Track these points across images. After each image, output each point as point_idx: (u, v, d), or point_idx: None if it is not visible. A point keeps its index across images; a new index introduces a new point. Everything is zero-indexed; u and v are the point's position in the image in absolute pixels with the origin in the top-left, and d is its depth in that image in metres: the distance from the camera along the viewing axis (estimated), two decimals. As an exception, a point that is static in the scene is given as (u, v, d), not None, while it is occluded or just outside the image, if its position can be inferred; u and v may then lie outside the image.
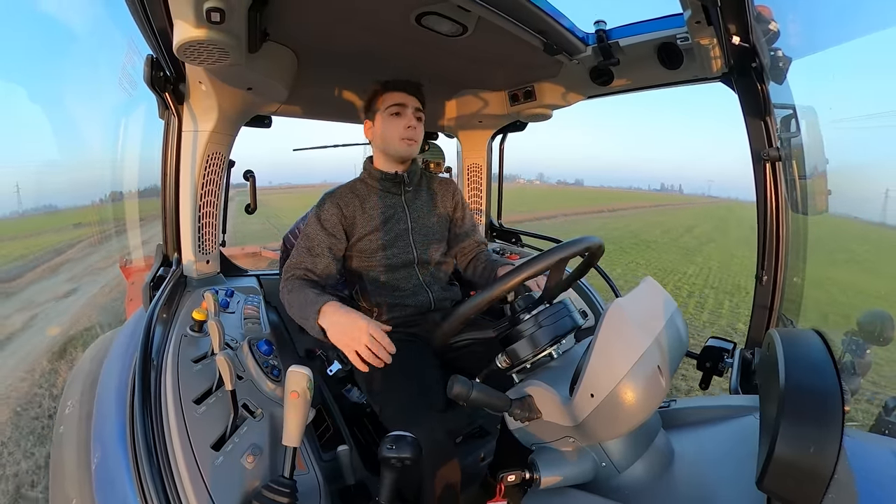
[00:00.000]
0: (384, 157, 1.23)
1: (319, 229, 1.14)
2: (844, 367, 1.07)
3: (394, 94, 1.18)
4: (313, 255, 1.12)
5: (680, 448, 0.73)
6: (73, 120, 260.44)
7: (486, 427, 1.36)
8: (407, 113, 1.17)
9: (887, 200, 8.73)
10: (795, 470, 0.45)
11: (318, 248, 1.13)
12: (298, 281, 1.07)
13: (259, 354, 0.96)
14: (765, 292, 1.19)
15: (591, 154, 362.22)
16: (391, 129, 1.17)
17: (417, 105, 1.19)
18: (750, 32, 0.91)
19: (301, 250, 1.13)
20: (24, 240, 15.43)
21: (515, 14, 1.02)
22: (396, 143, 1.18)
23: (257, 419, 0.84)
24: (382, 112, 1.18)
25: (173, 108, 1.11)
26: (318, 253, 1.12)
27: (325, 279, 1.12)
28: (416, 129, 1.19)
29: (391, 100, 1.18)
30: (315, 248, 1.13)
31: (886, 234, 10.98)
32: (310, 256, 1.12)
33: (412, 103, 1.18)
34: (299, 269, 1.10)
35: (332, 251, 1.14)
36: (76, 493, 0.81)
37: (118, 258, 5.35)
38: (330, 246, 1.14)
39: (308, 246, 1.13)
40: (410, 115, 1.17)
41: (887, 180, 8.18)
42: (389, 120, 1.18)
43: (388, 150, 1.20)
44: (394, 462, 0.71)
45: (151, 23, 0.88)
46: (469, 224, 1.36)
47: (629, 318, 0.64)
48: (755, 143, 1.11)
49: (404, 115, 1.17)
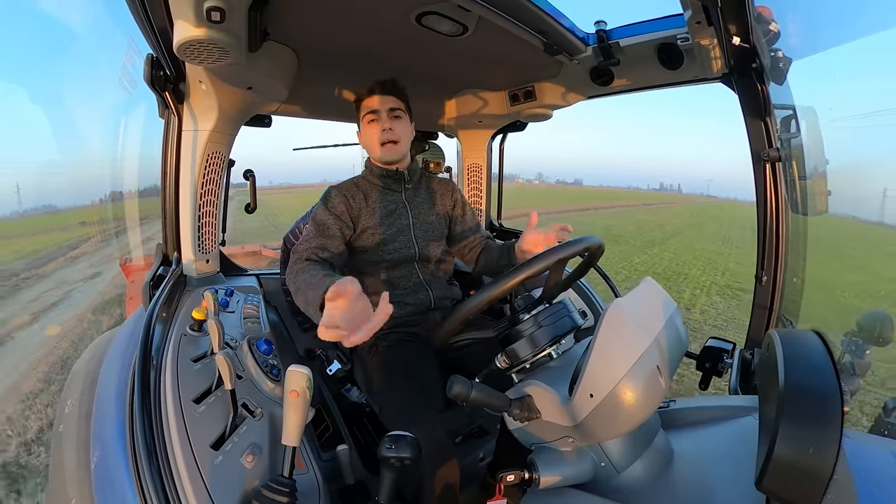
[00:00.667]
0: (374, 160, 1.26)
1: (329, 215, 1.14)
2: (844, 368, 1.07)
3: (367, 101, 1.20)
4: (325, 237, 1.10)
5: (679, 448, 0.73)
6: (73, 119, 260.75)
7: (485, 427, 1.36)
8: (381, 116, 1.18)
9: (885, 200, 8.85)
10: (795, 470, 0.45)
11: (330, 230, 1.12)
12: (308, 263, 1.00)
13: (259, 354, 0.96)
14: (764, 293, 1.19)
15: (591, 153, 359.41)
16: (370, 136, 1.20)
17: (392, 105, 1.19)
18: (750, 33, 0.91)
19: (311, 234, 1.11)
20: (32, 237, 16.41)
21: (516, 14, 1.02)
22: (377, 150, 1.20)
23: (257, 418, 0.84)
24: (362, 119, 1.21)
25: (173, 108, 1.11)
26: (331, 234, 1.11)
27: (337, 259, 1.10)
28: (394, 129, 1.18)
29: (365, 108, 1.20)
30: (326, 230, 1.12)
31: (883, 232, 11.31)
32: (321, 237, 1.10)
33: (385, 105, 1.18)
34: (310, 249, 1.05)
35: (342, 233, 1.13)
36: (75, 492, 0.81)
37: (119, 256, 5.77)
38: (341, 228, 1.13)
39: (318, 229, 1.12)
40: (385, 117, 1.18)
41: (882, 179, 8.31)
42: (367, 127, 1.20)
43: (373, 157, 1.23)
44: (393, 462, 0.71)
45: (152, 22, 0.88)
46: (471, 220, 1.37)
47: (629, 318, 0.64)
48: (755, 144, 1.11)
49: (379, 119, 1.18)
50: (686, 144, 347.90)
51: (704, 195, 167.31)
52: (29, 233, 18.54)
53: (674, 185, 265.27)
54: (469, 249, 1.34)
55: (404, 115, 1.22)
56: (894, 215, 15.00)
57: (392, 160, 1.22)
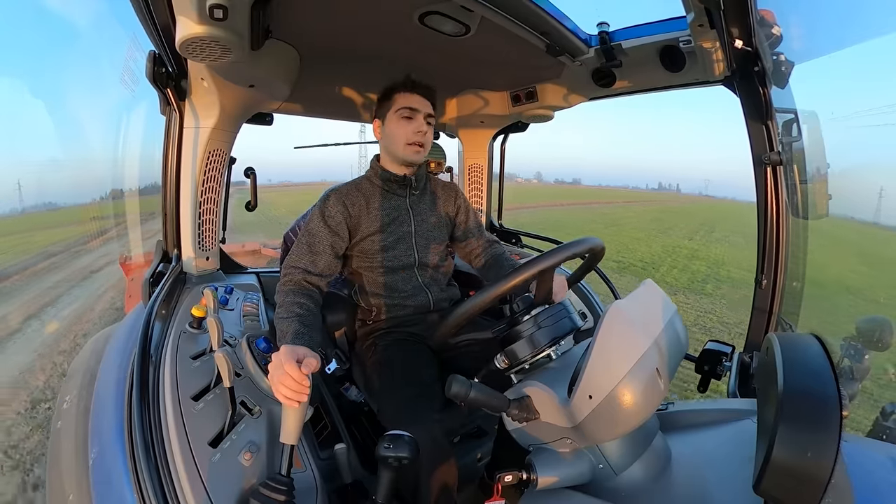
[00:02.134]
0: (390, 158, 1.20)
1: (322, 226, 1.12)
2: (843, 372, 1.07)
3: (407, 97, 1.15)
4: (314, 253, 1.09)
5: (677, 451, 0.73)
6: (75, 116, 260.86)
7: (483, 427, 1.36)
8: (418, 118, 1.14)
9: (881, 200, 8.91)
10: (792, 474, 0.45)
11: (320, 244, 1.10)
12: (293, 288, 1.02)
13: (258, 352, 0.96)
14: (764, 296, 1.19)
15: (592, 153, 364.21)
16: (399, 132, 1.14)
17: (430, 111, 1.16)
18: (753, 36, 0.91)
19: (302, 247, 1.10)
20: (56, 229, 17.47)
21: (519, 15, 1.02)
22: (402, 148, 1.15)
23: (255, 416, 0.84)
24: (393, 113, 1.15)
25: (175, 105, 1.11)
26: (320, 251, 1.09)
27: (324, 277, 1.09)
28: (426, 135, 1.16)
29: (403, 102, 1.14)
30: (316, 244, 1.10)
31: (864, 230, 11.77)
32: (310, 254, 1.09)
33: (425, 108, 1.15)
34: (297, 271, 1.06)
35: (333, 249, 1.11)
36: (73, 488, 0.81)
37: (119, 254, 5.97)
38: (332, 244, 1.11)
39: (309, 242, 1.10)
40: (421, 119, 1.14)
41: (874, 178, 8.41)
42: (399, 123, 1.14)
43: (394, 153, 1.17)
44: (391, 461, 0.71)
45: (154, 18, 0.88)
46: (474, 225, 1.34)
47: (628, 320, 0.64)
48: (756, 147, 1.11)
49: (415, 120, 1.14)
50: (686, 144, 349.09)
51: (702, 195, 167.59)
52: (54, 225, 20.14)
53: (673, 185, 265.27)
54: (475, 256, 1.32)
55: (432, 126, 1.19)
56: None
57: (411, 163, 1.18)
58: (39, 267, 8.91)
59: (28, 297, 6.13)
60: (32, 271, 8.48)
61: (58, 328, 4.67)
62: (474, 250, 1.32)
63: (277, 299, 1.01)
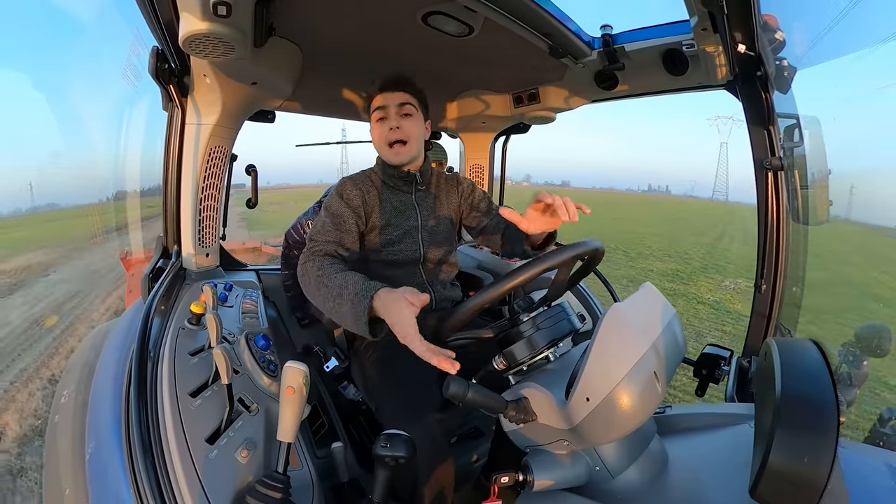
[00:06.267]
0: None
1: (344, 206, 1.08)
2: (841, 378, 1.07)
3: (376, 98, 1.14)
4: (341, 231, 1.03)
5: (674, 454, 0.73)
6: (76, 112, 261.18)
7: (480, 428, 1.36)
8: (389, 114, 1.12)
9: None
10: (789, 479, 0.45)
11: (346, 223, 1.05)
12: (328, 259, 0.96)
13: (256, 349, 0.96)
14: (763, 301, 1.19)
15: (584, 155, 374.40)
16: (375, 135, 1.15)
17: (401, 100, 1.12)
18: (756, 41, 0.91)
19: (326, 224, 1.04)
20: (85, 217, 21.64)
21: (522, 16, 1.02)
22: (384, 151, 1.15)
23: (252, 414, 0.84)
24: (371, 117, 1.16)
25: (177, 101, 1.11)
26: (346, 229, 1.05)
27: (350, 256, 1.03)
28: (403, 127, 1.12)
29: (376, 103, 1.14)
30: (342, 223, 1.05)
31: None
32: (337, 231, 1.03)
33: (393, 100, 1.12)
34: (329, 244, 0.99)
35: (358, 228, 1.08)
36: (70, 483, 0.81)
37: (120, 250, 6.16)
38: (357, 222, 1.08)
39: (335, 222, 1.04)
40: (393, 114, 1.11)
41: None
42: (375, 126, 1.15)
43: (382, 156, 1.18)
44: (388, 460, 0.71)
45: (158, 15, 0.88)
46: (484, 205, 1.28)
47: (627, 322, 0.64)
48: (758, 152, 1.11)
49: (388, 118, 1.12)
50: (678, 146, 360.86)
51: (689, 196, 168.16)
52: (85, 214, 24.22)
53: (662, 187, 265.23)
54: (494, 241, 1.25)
55: (416, 112, 1.14)
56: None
57: (400, 163, 1.15)
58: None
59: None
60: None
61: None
62: (492, 234, 1.24)
63: (311, 275, 0.93)
